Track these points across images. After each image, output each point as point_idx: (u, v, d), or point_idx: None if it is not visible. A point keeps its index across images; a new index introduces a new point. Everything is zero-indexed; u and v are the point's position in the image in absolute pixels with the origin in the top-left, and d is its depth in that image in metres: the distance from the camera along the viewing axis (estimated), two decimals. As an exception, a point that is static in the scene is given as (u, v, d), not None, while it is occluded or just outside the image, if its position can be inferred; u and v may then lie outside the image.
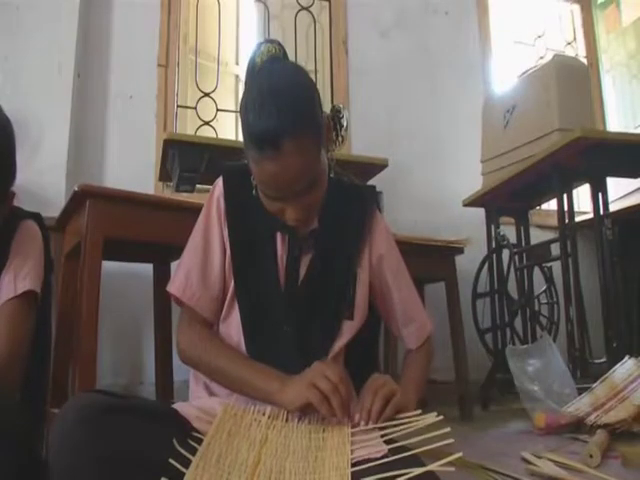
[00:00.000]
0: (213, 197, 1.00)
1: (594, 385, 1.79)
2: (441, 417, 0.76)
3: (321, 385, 0.79)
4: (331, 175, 0.93)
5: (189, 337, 0.96)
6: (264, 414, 0.83)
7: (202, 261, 0.97)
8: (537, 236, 2.75)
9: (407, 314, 1.05)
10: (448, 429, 0.71)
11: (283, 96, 0.82)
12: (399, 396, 0.82)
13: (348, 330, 0.97)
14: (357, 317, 0.98)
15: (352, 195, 1.04)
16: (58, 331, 1.65)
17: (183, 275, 0.97)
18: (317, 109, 0.87)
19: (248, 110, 0.82)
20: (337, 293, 0.97)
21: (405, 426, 0.77)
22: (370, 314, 1.03)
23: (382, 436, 0.78)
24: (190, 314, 0.97)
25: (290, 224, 0.88)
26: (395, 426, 0.78)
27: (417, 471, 0.65)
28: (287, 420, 0.83)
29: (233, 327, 0.96)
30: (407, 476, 0.65)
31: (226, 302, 0.97)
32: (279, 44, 0.91)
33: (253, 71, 0.89)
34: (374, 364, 1.14)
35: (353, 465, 0.71)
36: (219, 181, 1.01)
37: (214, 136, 2.68)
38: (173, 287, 0.97)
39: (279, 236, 0.96)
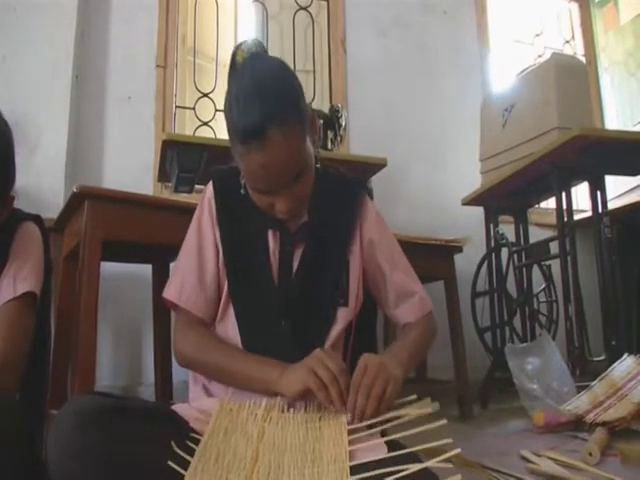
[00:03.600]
0: (204, 200, 1.02)
1: (593, 383, 1.79)
2: (436, 403, 0.76)
3: (320, 373, 0.79)
4: (317, 166, 0.93)
5: (187, 338, 0.97)
6: (260, 406, 0.83)
7: (197, 263, 0.98)
8: (536, 234, 2.74)
9: (404, 292, 1.05)
10: (444, 421, 0.72)
11: (264, 88, 0.83)
12: (392, 389, 0.80)
13: (343, 317, 0.97)
14: (352, 303, 0.99)
15: (340, 185, 1.05)
16: (57, 332, 1.65)
17: (179, 280, 0.98)
18: (300, 98, 0.88)
19: (232, 107, 0.84)
20: (331, 281, 0.97)
21: (398, 414, 0.78)
22: (366, 301, 1.03)
23: (381, 433, 0.78)
24: (186, 317, 0.98)
25: (280, 217, 0.89)
26: (389, 420, 0.78)
27: (415, 467, 0.66)
28: (283, 411, 0.83)
29: (229, 327, 0.96)
30: (405, 472, 0.65)
31: (221, 302, 0.97)
32: (259, 42, 0.92)
33: (234, 70, 0.90)
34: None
35: (353, 466, 0.71)
36: (209, 185, 1.03)
37: (213, 136, 2.68)
38: (169, 293, 0.98)
39: (271, 233, 0.97)
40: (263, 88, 0.83)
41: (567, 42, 3.65)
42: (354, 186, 1.07)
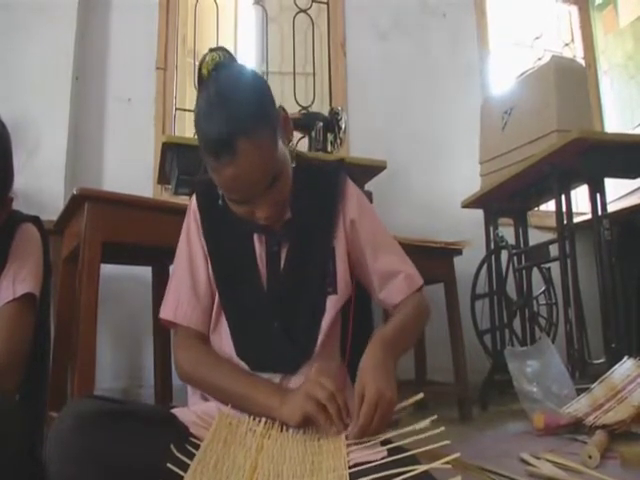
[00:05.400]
0: (190, 213, 1.02)
1: (593, 386, 1.79)
2: (435, 417, 0.76)
3: (317, 394, 0.79)
4: (293, 165, 0.92)
5: (187, 355, 0.96)
6: (259, 422, 0.83)
7: (190, 277, 0.98)
8: (536, 237, 2.75)
9: (388, 273, 1.01)
10: (442, 428, 0.72)
11: (229, 99, 0.82)
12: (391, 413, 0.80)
13: (333, 305, 0.96)
14: (340, 290, 0.98)
15: (319, 175, 1.04)
16: (57, 334, 1.65)
17: (174, 297, 0.98)
18: (266, 104, 0.87)
19: (200, 121, 0.84)
20: (318, 273, 0.97)
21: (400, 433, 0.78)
22: (357, 286, 1.02)
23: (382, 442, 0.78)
24: (185, 332, 0.98)
25: (262, 223, 0.89)
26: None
27: (414, 471, 0.66)
28: (282, 430, 0.83)
29: (223, 336, 0.96)
30: (404, 476, 0.65)
31: (214, 312, 0.97)
32: (224, 50, 0.91)
33: (201, 83, 0.89)
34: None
35: (351, 467, 0.71)
36: (193, 197, 1.03)
37: (213, 138, 2.68)
38: (165, 312, 0.98)
39: (256, 236, 0.97)
40: (228, 100, 0.82)
41: (567, 45, 3.66)
42: (332, 172, 1.05)
